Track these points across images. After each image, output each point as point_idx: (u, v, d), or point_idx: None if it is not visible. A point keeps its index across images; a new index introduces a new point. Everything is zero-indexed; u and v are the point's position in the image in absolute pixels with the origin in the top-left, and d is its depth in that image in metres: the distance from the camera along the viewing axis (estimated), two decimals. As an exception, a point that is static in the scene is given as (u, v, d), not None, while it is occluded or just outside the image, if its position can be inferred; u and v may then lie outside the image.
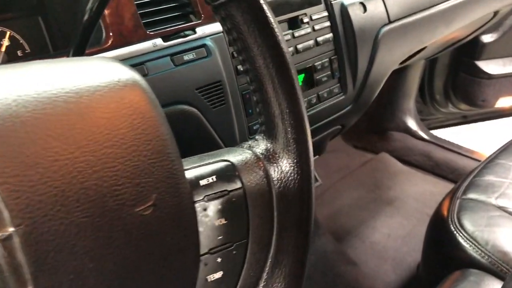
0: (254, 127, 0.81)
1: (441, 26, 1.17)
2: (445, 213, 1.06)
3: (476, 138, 2.31)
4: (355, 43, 0.94)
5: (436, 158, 1.87)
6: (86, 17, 0.51)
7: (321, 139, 1.02)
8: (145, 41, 0.66)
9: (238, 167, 0.44)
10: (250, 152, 0.45)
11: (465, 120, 2.40)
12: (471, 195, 1.08)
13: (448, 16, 1.18)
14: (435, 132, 2.36)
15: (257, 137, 0.46)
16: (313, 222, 0.46)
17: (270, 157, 0.45)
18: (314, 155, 1.11)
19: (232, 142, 0.77)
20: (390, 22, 1.01)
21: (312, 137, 0.95)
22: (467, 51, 1.99)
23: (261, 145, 0.45)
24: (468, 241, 0.95)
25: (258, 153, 0.45)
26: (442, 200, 1.11)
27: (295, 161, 0.45)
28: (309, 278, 1.25)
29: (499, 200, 1.06)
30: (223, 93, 0.73)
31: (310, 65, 0.89)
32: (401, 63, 1.43)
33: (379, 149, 2.01)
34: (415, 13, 1.07)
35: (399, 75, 1.91)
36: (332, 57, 0.93)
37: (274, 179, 0.44)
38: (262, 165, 0.44)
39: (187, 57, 0.69)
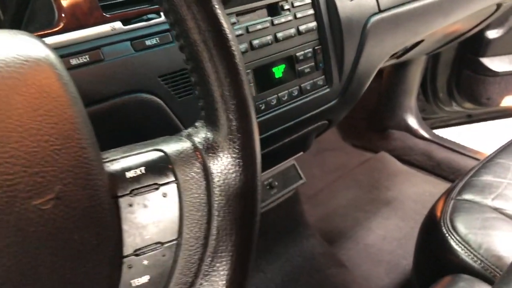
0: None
1: (438, 18, 1.11)
2: (438, 214, 1.00)
3: (481, 137, 2.24)
4: (341, 33, 0.89)
5: (438, 158, 1.80)
6: None
7: (306, 134, 0.96)
8: (102, 24, 0.62)
9: (172, 158, 0.38)
10: (187, 141, 0.40)
11: (470, 119, 2.32)
12: (467, 196, 1.02)
13: (447, 6, 1.12)
14: (438, 132, 2.29)
15: (197, 124, 0.41)
16: (258, 222, 0.41)
17: (209, 147, 0.39)
18: (298, 151, 1.05)
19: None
20: (380, 11, 0.95)
21: (296, 132, 0.90)
22: (471, 47, 1.92)
23: (200, 134, 0.40)
24: (460, 245, 0.89)
25: (196, 142, 0.40)
26: (437, 201, 1.05)
27: (237, 152, 0.39)
28: (295, 280, 1.19)
29: (495, 201, 0.99)
30: (188, 82, 0.68)
31: (292, 54, 0.84)
32: (398, 57, 1.37)
33: (379, 148, 1.94)
34: (409, 2, 1.01)
35: (399, 71, 1.84)
36: (316, 47, 0.87)
37: (213, 173, 0.39)
38: (199, 156, 0.39)
39: (149, 42, 0.64)
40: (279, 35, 0.81)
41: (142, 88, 0.63)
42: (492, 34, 1.87)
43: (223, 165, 0.39)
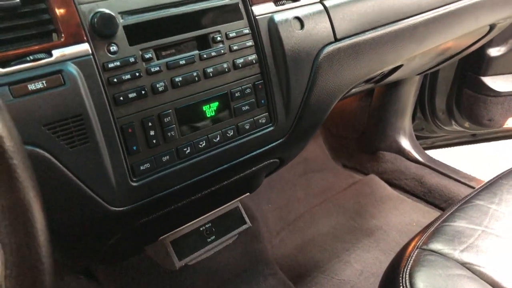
0: (141, 167, 0.68)
1: (410, 44, 1.01)
2: (400, 265, 0.89)
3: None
4: (287, 67, 0.79)
5: (429, 184, 1.68)
6: None
7: (251, 174, 0.87)
8: (-27, 67, 0.54)
9: None
10: None
11: (475, 139, 2.19)
12: (434, 245, 0.91)
13: (421, 32, 1.01)
14: (441, 151, 2.17)
15: None
16: None
17: None
18: (244, 192, 0.96)
19: (105, 187, 0.64)
20: (336, 40, 0.86)
21: (235, 174, 0.81)
22: (472, 66, 1.79)
23: None
24: (415, 307, 0.79)
25: None
26: (404, 247, 0.95)
27: None
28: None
29: (465, 254, 0.89)
30: (85, 129, 0.60)
31: (226, 91, 0.75)
32: (377, 82, 1.27)
33: (369, 170, 1.84)
34: (371, 29, 0.91)
35: (390, 91, 1.73)
36: (257, 82, 0.78)
37: None
38: None
39: (33, 86, 0.56)
40: (209, 70, 0.73)
41: (24, 140, 0.56)
42: (494, 52, 1.74)
43: None
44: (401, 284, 0.83)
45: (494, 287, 0.82)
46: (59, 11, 0.60)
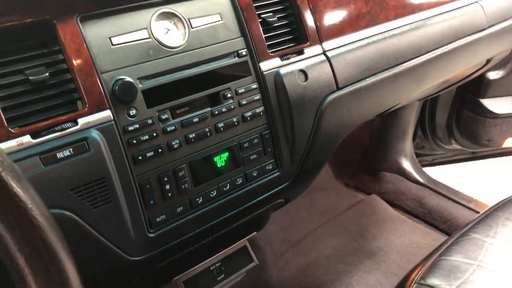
0: (158, 219, 0.73)
1: (410, 85, 1.06)
2: (399, 300, 0.95)
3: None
4: (292, 116, 0.85)
5: (429, 205, 1.73)
6: None
7: (259, 215, 0.93)
8: (7, 140, 0.59)
9: None
10: None
11: (474, 156, 2.24)
12: (431, 280, 0.96)
13: (420, 73, 1.06)
14: (442, 168, 2.22)
15: None
16: None
17: None
18: (251, 232, 1.02)
19: (125, 240, 0.70)
20: (338, 89, 0.91)
21: (244, 217, 0.86)
22: (471, 88, 1.84)
23: None
24: None
25: None
26: (402, 281, 1.00)
27: None
28: None
29: (460, 289, 0.94)
30: (107, 190, 0.66)
31: (235, 143, 0.80)
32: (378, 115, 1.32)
33: (371, 190, 1.89)
34: (372, 75, 0.96)
35: (392, 114, 1.78)
36: (264, 132, 0.84)
37: None
38: None
39: (61, 154, 0.62)
40: (220, 125, 0.78)
41: (52, 204, 0.61)
42: (492, 75, 1.79)
43: None
44: (399, 320, 0.88)
45: (488, 323, 0.87)
46: (83, 81, 0.65)
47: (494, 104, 1.84)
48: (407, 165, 1.87)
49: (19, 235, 0.35)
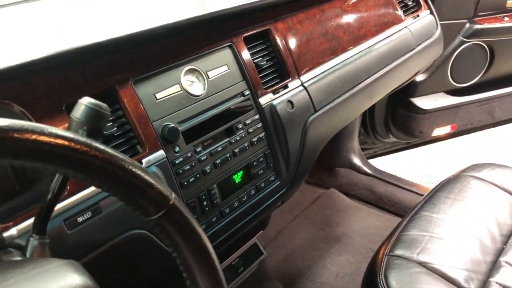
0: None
1: (364, 101, 1.33)
2: (375, 269, 1.21)
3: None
4: (285, 137, 1.08)
5: (379, 192, 2.05)
6: (49, 196, 0.62)
7: (265, 217, 1.16)
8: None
9: None
10: None
11: (409, 145, 2.60)
12: (398, 251, 1.24)
13: (371, 90, 1.34)
14: (383, 159, 2.55)
15: None
16: None
17: None
18: (259, 231, 1.25)
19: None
20: (316, 111, 1.16)
21: (255, 220, 1.09)
22: (403, 89, 2.17)
23: None
24: (393, 299, 1.11)
25: None
26: (374, 256, 1.27)
27: None
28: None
29: (420, 256, 1.21)
30: (169, 211, 0.86)
31: (248, 162, 1.03)
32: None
33: (329, 184, 2.17)
34: (338, 96, 1.22)
35: (341, 118, 2.07)
36: (267, 152, 1.07)
37: None
38: None
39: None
40: (236, 150, 1.00)
41: (134, 226, 0.81)
42: (419, 77, 2.14)
43: None
44: (380, 285, 1.15)
45: (443, 277, 1.15)
46: (142, 130, 0.85)
47: (422, 102, 2.19)
48: (356, 160, 2.18)
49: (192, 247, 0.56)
